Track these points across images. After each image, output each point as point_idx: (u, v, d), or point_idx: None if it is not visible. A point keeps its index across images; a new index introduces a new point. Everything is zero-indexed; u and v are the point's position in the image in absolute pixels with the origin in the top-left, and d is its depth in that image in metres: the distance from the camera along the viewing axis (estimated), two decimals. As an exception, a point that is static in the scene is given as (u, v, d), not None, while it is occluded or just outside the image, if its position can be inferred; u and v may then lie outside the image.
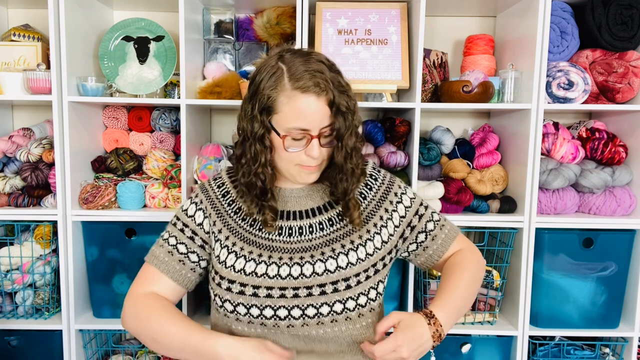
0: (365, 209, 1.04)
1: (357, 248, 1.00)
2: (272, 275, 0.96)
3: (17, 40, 1.64)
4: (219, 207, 1.05)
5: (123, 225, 1.57)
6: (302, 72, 0.92)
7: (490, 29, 1.81)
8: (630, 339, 1.59)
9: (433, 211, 1.11)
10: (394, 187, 1.08)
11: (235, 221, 1.03)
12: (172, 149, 1.72)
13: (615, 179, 1.58)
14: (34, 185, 1.59)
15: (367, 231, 1.03)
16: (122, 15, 1.76)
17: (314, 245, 1.00)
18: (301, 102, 0.92)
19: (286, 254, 0.99)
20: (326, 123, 0.94)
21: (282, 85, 0.92)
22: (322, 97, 0.92)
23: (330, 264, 0.98)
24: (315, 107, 0.92)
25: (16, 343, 1.60)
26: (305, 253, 0.99)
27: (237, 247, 1.01)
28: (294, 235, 1.01)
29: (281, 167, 0.99)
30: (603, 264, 1.56)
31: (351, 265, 0.98)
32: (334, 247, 1.00)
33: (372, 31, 1.59)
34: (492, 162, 1.64)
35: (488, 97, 1.52)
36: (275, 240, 1.01)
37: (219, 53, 1.72)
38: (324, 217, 1.03)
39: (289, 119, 0.93)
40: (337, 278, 0.96)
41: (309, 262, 0.98)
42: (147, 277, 1.03)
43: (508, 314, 1.64)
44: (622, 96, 1.55)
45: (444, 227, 1.09)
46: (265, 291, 0.95)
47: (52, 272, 1.60)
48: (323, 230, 1.01)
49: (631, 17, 1.52)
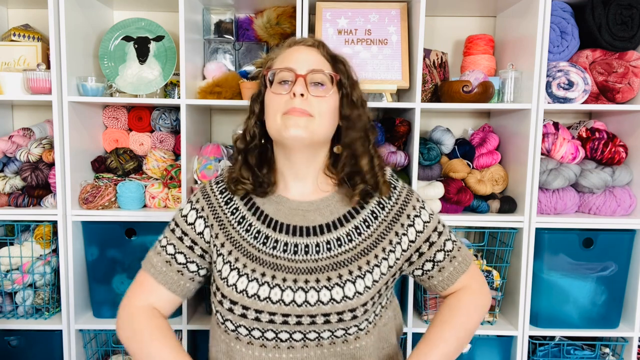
0: (376, 230, 0.96)
1: (364, 275, 0.93)
2: (276, 300, 0.91)
3: (17, 40, 1.64)
4: (221, 216, 0.99)
5: (123, 225, 1.57)
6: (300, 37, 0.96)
7: (490, 29, 1.81)
8: (630, 339, 1.59)
9: (447, 239, 1.01)
10: (407, 207, 0.99)
11: (238, 232, 0.97)
12: (172, 149, 1.72)
13: (615, 179, 1.58)
14: (34, 185, 1.59)
15: (375, 256, 0.95)
16: (122, 15, 1.76)
17: (320, 267, 0.93)
18: (290, 50, 0.95)
19: (290, 275, 0.92)
20: (318, 67, 0.92)
21: (280, 49, 0.98)
22: (313, 47, 0.95)
23: (336, 292, 0.91)
24: (305, 52, 0.94)
25: (16, 343, 1.60)
26: (310, 275, 0.92)
27: (239, 264, 0.94)
28: (299, 254, 0.94)
29: (270, 125, 0.93)
30: (603, 264, 1.56)
31: (358, 295, 0.91)
32: (341, 272, 0.92)
33: (372, 31, 1.59)
34: (492, 162, 1.64)
35: (488, 97, 1.52)
36: (279, 257, 0.94)
37: (219, 53, 1.72)
38: (332, 235, 0.95)
39: (278, 64, 0.95)
40: (343, 309, 0.90)
41: (314, 289, 0.91)
42: (145, 286, 0.99)
43: (508, 314, 1.64)
44: (622, 96, 1.55)
45: (454, 259, 1.01)
46: (268, 316, 0.91)
47: (52, 272, 1.60)
48: (330, 251, 0.94)
49: (631, 17, 1.52)
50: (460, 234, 1.80)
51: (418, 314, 1.64)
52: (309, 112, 0.89)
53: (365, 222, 0.97)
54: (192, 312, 1.64)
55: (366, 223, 0.97)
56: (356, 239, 0.95)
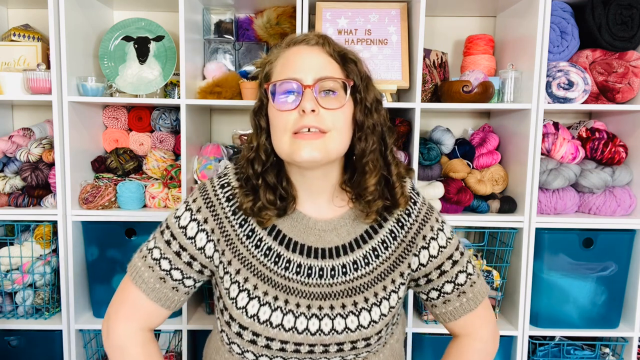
0: (394, 252, 0.89)
1: (380, 302, 0.87)
2: (288, 328, 0.84)
3: (17, 40, 1.64)
4: (228, 229, 0.88)
5: (123, 225, 1.57)
6: (301, 34, 0.86)
7: (490, 29, 1.81)
8: (630, 339, 1.59)
9: (461, 270, 0.92)
10: (425, 227, 0.91)
11: (247, 248, 0.87)
12: (172, 149, 1.72)
13: (615, 179, 1.58)
14: (34, 185, 1.59)
15: (392, 281, 0.89)
16: (122, 15, 1.76)
17: (335, 293, 0.86)
18: (290, 51, 0.83)
19: (304, 300, 0.86)
20: (326, 73, 0.80)
21: (278, 50, 0.86)
22: (317, 46, 0.82)
23: (351, 321, 0.85)
24: (309, 54, 0.81)
25: (16, 343, 1.60)
26: (324, 301, 0.86)
27: (249, 285, 0.86)
28: (313, 277, 0.87)
29: (278, 145, 0.82)
30: (603, 264, 1.56)
31: (373, 323, 0.86)
32: (357, 299, 0.86)
33: (372, 31, 1.59)
34: (492, 162, 1.64)
35: (488, 97, 1.52)
36: (292, 279, 0.86)
37: (219, 53, 1.72)
38: (349, 258, 0.88)
39: (279, 72, 0.82)
40: (357, 337, 0.86)
41: (328, 316, 0.85)
42: (134, 304, 0.89)
43: (508, 314, 1.64)
44: (622, 96, 1.55)
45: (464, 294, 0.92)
46: (279, 344, 0.85)
47: (52, 272, 1.60)
48: (346, 275, 0.87)
49: (631, 17, 1.52)
50: (460, 234, 1.80)
51: (418, 314, 1.64)
52: (322, 129, 0.79)
53: (384, 244, 0.90)
54: (192, 312, 1.64)
55: (384, 244, 0.90)
56: (373, 262, 0.88)
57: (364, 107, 0.83)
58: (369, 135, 0.83)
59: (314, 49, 0.83)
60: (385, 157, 0.87)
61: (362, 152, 0.84)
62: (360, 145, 0.83)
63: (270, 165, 0.86)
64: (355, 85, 0.83)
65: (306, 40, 0.84)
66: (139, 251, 0.92)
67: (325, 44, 0.83)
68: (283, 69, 0.82)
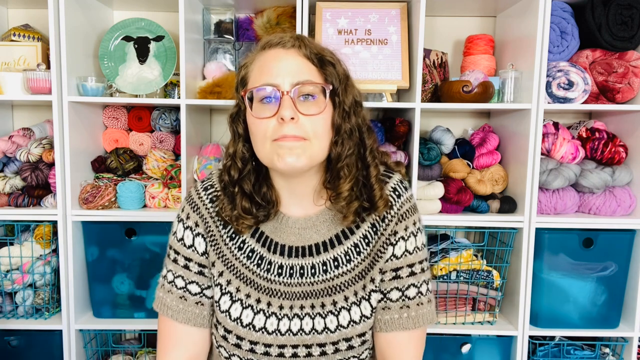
0: (374, 247, 0.87)
1: (359, 302, 0.86)
2: (271, 330, 0.85)
3: (17, 40, 1.64)
4: (213, 229, 0.88)
5: (123, 225, 1.57)
6: (274, 35, 0.82)
7: (490, 29, 1.81)
8: (630, 339, 1.59)
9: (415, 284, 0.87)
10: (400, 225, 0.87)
11: (231, 251, 0.88)
12: (172, 149, 1.72)
13: (615, 179, 1.58)
14: (34, 185, 1.59)
15: (372, 280, 0.87)
16: (122, 15, 1.76)
17: (315, 291, 0.86)
18: (266, 55, 0.80)
19: (287, 301, 0.86)
20: (304, 77, 0.77)
21: (254, 53, 0.83)
22: (293, 49, 0.79)
23: (330, 320, 0.85)
24: (285, 57, 0.78)
25: (16, 343, 1.60)
26: (305, 300, 0.86)
27: (232, 288, 0.87)
28: (294, 277, 0.86)
29: (260, 152, 0.81)
30: (603, 264, 1.56)
31: (353, 324, 0.85)
32: (336, 298, 0.86)
33: (372, 31, 1.59)
34: (492, 162, 1.64)
35: (488, 97, 1.52)
36: (274, 281, 0.86)
37: (219, 53, 1.72)
38: (329, 255, 0.87)
39: (256, 78, 0.80)
40: (337, 338, 0.85)
41: (309, 315, 0.85)
42: (170, 335, 0.88)
43: (508, 314, 1.64)
44: (622, 96, 1.55)
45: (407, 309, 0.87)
46: (263, 348, 0.85)
47: (52, 272, 1.60)
48: (326, 273, 0.86)
49: (631, 17, 1.52)
50: (460, 234, 1.80)
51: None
52: (303, 136, 0.77)
53: (365, 239, 0.87)
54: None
55: (366, 240, 0.87)
56: (355, 258, 0.86)
57: (342, 110, 0.81)
58: (345, 139, 0.81)
59: (290, 52, 0.80)
60: (364, 158, 0.85)
61: (337, 156, 0.82)
62: (337, 150, 0.81)
63: (247, 172, 0.85)
64: (334, 88, 0.81)
65: (282, 43, 0.81)
66: (158, 284, 0.92)
67: (301, 46, 0.80)
68: (260, 74, 0.80)
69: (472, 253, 1.59)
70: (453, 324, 1.59)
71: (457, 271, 1.57)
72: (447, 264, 1.55)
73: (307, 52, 0.80)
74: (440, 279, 1.57)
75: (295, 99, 0.77)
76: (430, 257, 1.57)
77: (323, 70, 0.80)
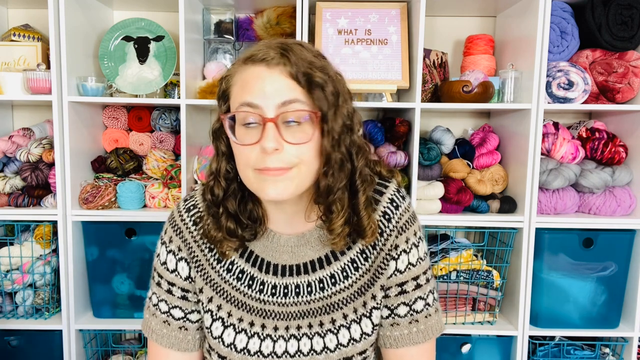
0: (374, 262, 0.83)
1: (360, 320, 0.82)
2: (267, 353, 0.82)
3: (17, 40, 1.64)
4: (198, 254, 0.84)
5: (123, 225, 1.57)
6: (259, 45, 0.74)
7: (490, 29, 1.81)
8: (630, 339, 1.59)
9: (421, 297, 0.85)
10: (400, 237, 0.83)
11: (219, 274, 0.84)
12: (172, 149, 1.72)
13: (615, 179, 1.58)
14: (34, 185, 1.59)
15: (373, 297, 0.83)
16: (122, 15, 1.76)
17: (312, 310, 0.82)
18: (248, 72, 0.72)
19: (282, 322, 0.82)
20: (289, 101, 0.71)
21: (236, 65, 0.76)
22: (278, 67, 0.71)
23: (329, 340, 0.82)
24: (269, 77, 0.71)
25: (16, 343, 1.60)
26: (302, 320, 0.82)
27: (223, 313, 0.83)
28: (289, 296, 0.82)
29: (243, 178, 0.76)
30: (603, 264, 1.56)
31: (354, 342, 0.82)
32: (334, 317, 0.82)
33: (372, 31, 1.59)
34: (492, 162, 1.64)
35: (488, 97, 1.52)
36: (268, 302, 0.82)
37: (219, 53, 1.72)
38: (325, 272, 0.82)
39: (237, 96, 0.73)
40: (337, 357, 0.82)
41: (307, 335, 0.82)
42: (155, 357, 0.88)
43: (508, 314, 1.64)
44: (622, 96, 1.55)
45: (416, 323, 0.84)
46: None
47: (52, 272, 1.60)
48: (324, 291, 0.82)
49: (631, 17, 1.52)
50: (460, 234, 1.80)
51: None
52: (288, 167, 0.71)
53: (363, 254, 0.83)
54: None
55: (364, 255, 0.83)
56: (353, 274, 0.82)
57: (331, 138, 0.73)
58: (336, 171, 0.74)
59: (275, 72, 0.71)
60: (353, 183, 0.78)
61: (327, 188, 0.75)
62: (327, 181, 0.74)
63: (232, 191, 0.80)
64: (323, 113, 0.72)
65: (266, 60, 0.72)
66: (145, 304, 0.91)
67: (286, 64, 0.71)
68: (241, 92, 0.73)
69: (472, 253, 1.59)
70: (453, 324, 1.60)
71: (457, 271, 1.57)
72: (447, 264, 1.56)
73: (293, 70, 0.71)
74: (440, 279, 1.57)
75: (280, 125, 0.71)
76: (430, 257, 1.57)
77: (311, 93, 0.72)
